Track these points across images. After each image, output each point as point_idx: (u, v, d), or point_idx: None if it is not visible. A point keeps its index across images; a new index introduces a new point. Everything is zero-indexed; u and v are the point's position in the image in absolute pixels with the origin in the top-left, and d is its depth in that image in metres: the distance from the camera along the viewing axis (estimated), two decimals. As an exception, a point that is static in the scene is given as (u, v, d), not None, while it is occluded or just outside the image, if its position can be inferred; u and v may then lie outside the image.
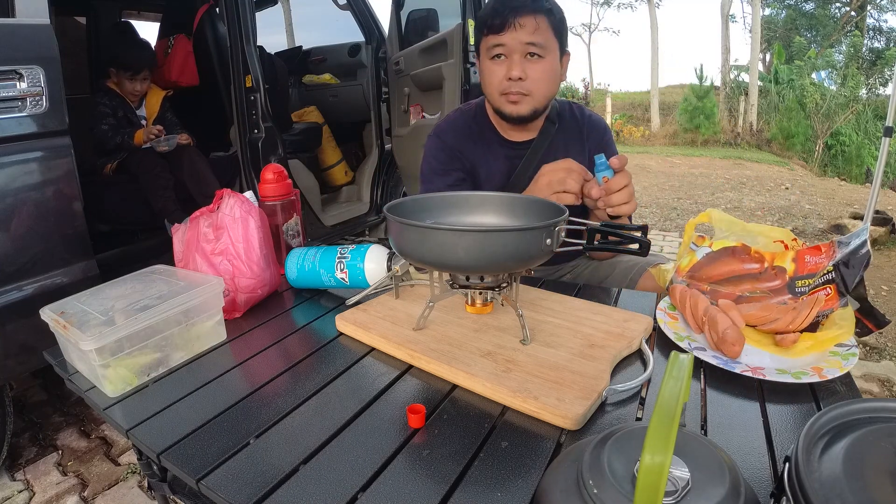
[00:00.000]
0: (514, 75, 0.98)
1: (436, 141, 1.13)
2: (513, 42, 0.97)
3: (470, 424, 0.56)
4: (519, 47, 0.98)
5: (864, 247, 0.69)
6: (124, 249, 1.94)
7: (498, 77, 1.01)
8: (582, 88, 13.73)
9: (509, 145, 1.12)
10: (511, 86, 1.00)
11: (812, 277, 0.72)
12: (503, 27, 0.97)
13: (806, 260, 0.74)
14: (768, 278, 0.75)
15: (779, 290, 0.74)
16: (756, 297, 0.75)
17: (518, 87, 1.00)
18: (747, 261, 0.78)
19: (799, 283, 0.73)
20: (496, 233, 0.64)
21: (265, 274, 0.87)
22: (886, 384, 1.82)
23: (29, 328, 1.25)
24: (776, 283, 0.75)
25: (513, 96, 1.01)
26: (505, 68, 0.99)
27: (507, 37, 0.97)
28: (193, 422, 0.59)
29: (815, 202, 4.87)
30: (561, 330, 0.72)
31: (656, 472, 0.31)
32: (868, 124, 8.54)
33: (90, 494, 1.34)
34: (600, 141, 1.15)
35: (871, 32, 12.38)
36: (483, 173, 1.12)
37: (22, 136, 1.24)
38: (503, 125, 1.12)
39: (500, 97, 1.03)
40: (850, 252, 0.69)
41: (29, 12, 1.24)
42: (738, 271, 0.78)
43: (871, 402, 0.40)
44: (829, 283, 0.70)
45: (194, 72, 2.59)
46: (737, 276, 0.77)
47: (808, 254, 0.74)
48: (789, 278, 0.74)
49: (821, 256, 0.73)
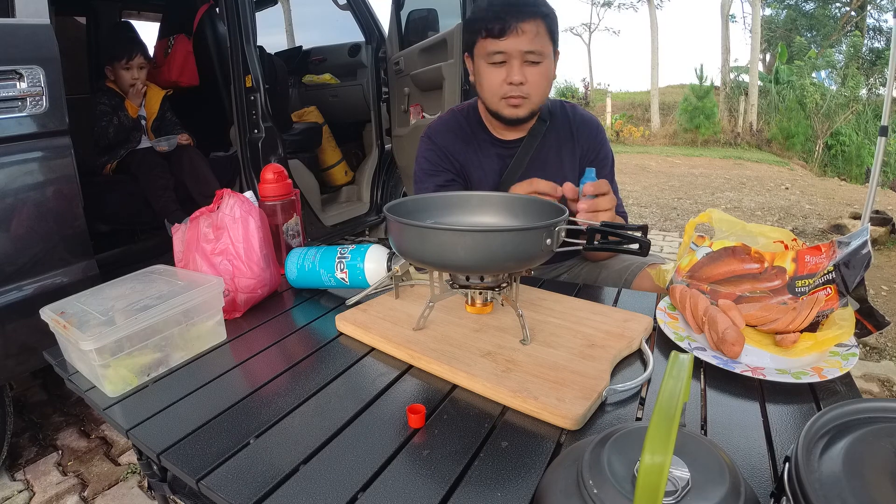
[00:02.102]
0: (515, 80, 0.99)
1: (427, 142, 1.14)
2: (513, 49, 0.97)
3: (470, 424, 0.56)
4: (519, 54, 0.98)
5: (864, 247, 0.68)
6: (124, 249, 1.94)
7: (497, 82, 1.01)
8: (582, 88, 13.73)
9: (501, 144, 1.13)
10: (512, 90, 1.00)
11: (812, 277, 0.72)
12: (504, 33, 0.96)
13: (806, 260, 0.74)
14: (768, 278, 0.75)
15: (779, 290, 0.74)
16: (756, 297, 0.75)
17: (518, 91, 1.00)
18: (747, 261, 0.77)
19: (799, 284, 0.73)
20: (496, 233, 0.64)
21: (265, 274, 0.87)
22: (886, 384, 1.82)
23: (29, 328, 1.25)
24: (776, 284, 0.75)
25: (514, 100, 1.01)
26: (504, 73, 1.00)
27: (508, 43, 0.97)
28: (193, 422, 0.58)
29: (815, 202, 4.87)
30: (561, 330, 0.72)
31: (656, 472, 0.31)
32: (868, 124, 8.54)
33: (90, 494, 1.34)
34: (593, 140, 1.15)
35: (871, 32, 12.38)
36: (475, 172, 1.12)
37: (22, 136, 1.24)
38: (495, 125, 1.12)
39: (499, 101, 1.03)
40: (851, 252, 0.69)
41: (29, 12, 1.24)
42: (739, 271, 0.77)
43: (871, 402, 0.40)
44: (829, 284, 0.70)
45: (194, 72, 2.58)
46: (737, 276, 0.77)
47: (808, 254, 0.74)
48: (789, 278, 0.74)
49: (821, 256, 0.73)
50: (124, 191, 2.00)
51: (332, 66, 3.10)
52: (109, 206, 1.94)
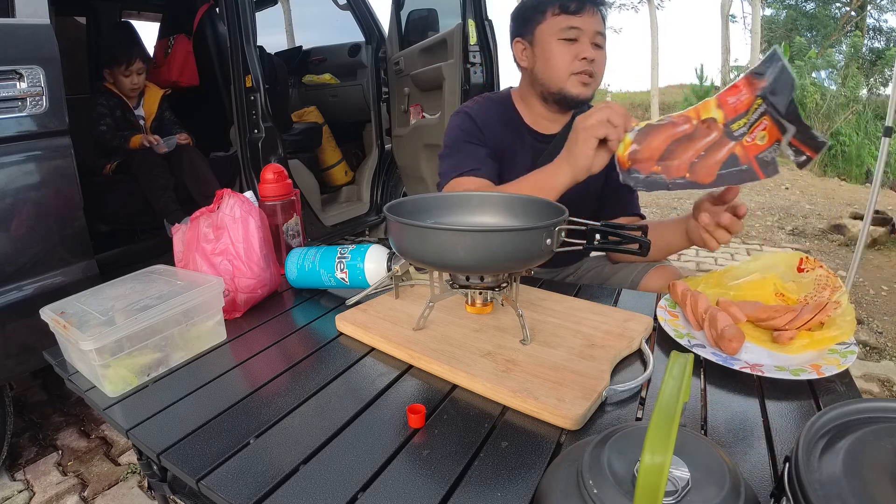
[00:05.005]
0: (589, 55, 1.00)
1: (464, 117, 1.10)
2: (587, 26, 0.99)
3: (470, 424, 0.56)
4: (591, 33, 1.00)
5: (783, 70, 0.68)
6: (124, 249, 1.94)
7: (569, 58, 1.01)
8: (582, 88, 13.69)
9: (536, 136, 1.12)
10: (584, 65, 1.00)
11: (744, 116, 0.71)
12: (581, 10, 0.98)
13: (730, 102, 0.72)
14: (704, 134, 0.73)
15: (719, 141, 0.72)
16: (707, 156, 0.73)
17: (591, 68, 1.01)
18: (677, 125, 0.75)
19: (734, 127, 0.72)
20: (496, 233, 0.64)
21: (265, 274, 0.87)
22: (886, 384, 1.82)
23: (29, 328, 1.25)
24: (714, 136, 0.73)
25: (584, 77, 1.02)
26: (576, 49, 1.00)
27: (583, 20, 0.99)
28: (193, 422, 0.58)
29: (815, 202, 4.87)
30: (561, 330, 0.72)
31: (656, 472, 0.31)
32: (868, 124, 8.53)
33: (90, 494, 1.34)
34: None
35: (872, 32, 12.38)
36: (509, 159, 1.10)
37: (22, 136, 1.24)
38: (536, 113, 1.11)
39: (570, 77, 1.02)
40: (773, 80, 0.68)
41: (29, 12, 1.24)
42: (673, 136, 0.74)
43: (871, 402, 0.40)
44: (763, 115, 0.70)
45: (194, 72, 2.59)
46: (674, 142, 0.75)
47: (728, 95, 0.72)
48: (723, 126, 0.72)
49: (741, 94, 0.71)
50: (124, 191, 2.00)
51: (332, 66, 3.10)
52: (109, 206, 1.94)
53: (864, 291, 2.64)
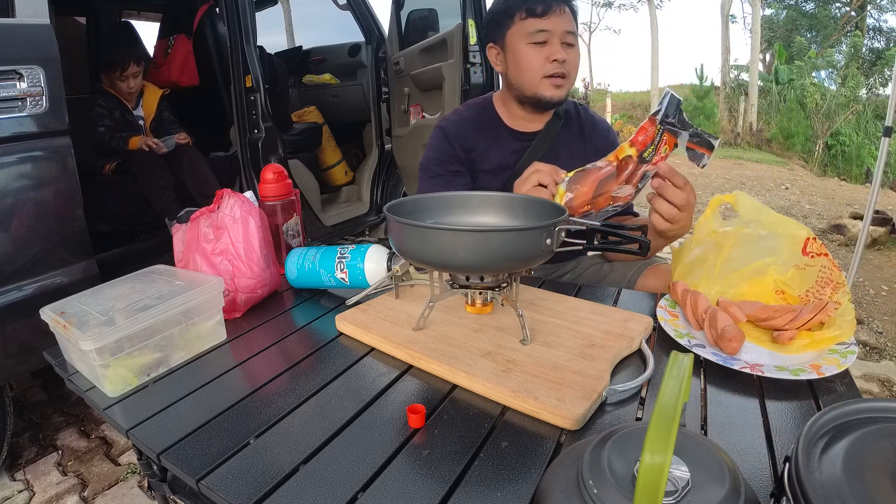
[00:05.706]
0: (560, 57, 1.01)
1: (439, 133, 1.15)
2: (556, 28, 1.00)
3: (470, 424, 0.56)
4: (560, 33, 1.00)
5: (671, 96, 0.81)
6: (124, 249, 1.95)
7: (539, 61, 1.02)
8: (582, 88, 13.72)
9: (517, 136, 1.13)
10: (556, 67, 1.02)
11: (652, 145, 0.83)
12: (548, 12, 0.99)
13: (640, 139, 0.84)
14: (623, 168, 0.84)
15: (634, 169, 0.84)
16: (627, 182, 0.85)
17: (562, 69, 1.02)
18: (601, 168, 0.86)
19: (646, 154, 0.83)
20: (496, 233, 0.64)
21: (265, 274, 0.87)
22: (886, 384, 1.82)
23: (29, 328, 1.25)
24: (631, 168, 0.84)
25: (556, 80, 1.03)
26: (546, 52, 1.01)
27: (551, 21, 1.00)
28: (193, 422, 0.58)
29: (815, 202, 4.87)
30: (561, 330, 0.72)
31: (656, 472, 0.31)
32: (868, 124, 8.53)
33: (90, 494, 1.34)
34: (605, 142, 1.18)
35: (871, 32, 12.38)
36: (489, 161, 1.13)
37: (22, 136, 1.24)
38: (514, 114, 1.13)
39: (541, 81, 1.04)
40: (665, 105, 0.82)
41: (29, 12, 1.24)
42: (599, 177, 0.85)
43: (871, 402, 0.40)
44: (664, 134, 0.82)
45: (194, 72, 2.59)
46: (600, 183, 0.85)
47: (638, 136, 0.84)
48: (636, 158, 0.84)
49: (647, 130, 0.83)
50: (124, 191, 2.01)
51: (332, 66, 3.10)
52: (109, 206, 1.94)
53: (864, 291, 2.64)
